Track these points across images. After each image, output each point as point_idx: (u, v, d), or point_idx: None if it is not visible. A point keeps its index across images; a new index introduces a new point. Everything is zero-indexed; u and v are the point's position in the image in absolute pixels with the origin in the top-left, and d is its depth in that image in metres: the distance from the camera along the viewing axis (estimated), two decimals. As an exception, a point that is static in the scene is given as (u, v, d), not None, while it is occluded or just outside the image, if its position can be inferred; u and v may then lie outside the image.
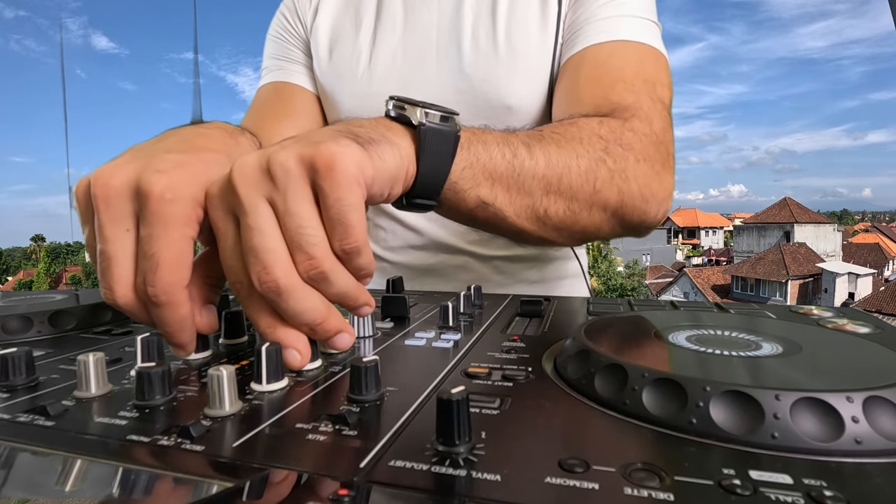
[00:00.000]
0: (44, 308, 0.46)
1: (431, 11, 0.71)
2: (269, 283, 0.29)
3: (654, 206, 0.54)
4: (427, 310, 0.52)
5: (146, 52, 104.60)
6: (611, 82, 0.58)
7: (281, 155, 0.30)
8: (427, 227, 0.76)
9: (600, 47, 0.62)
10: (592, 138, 0.50)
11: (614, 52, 0.61)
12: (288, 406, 0.27)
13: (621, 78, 0.59)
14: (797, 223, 24.90)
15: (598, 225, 0.52)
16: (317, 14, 0.79)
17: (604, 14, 0.64)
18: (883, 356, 0.29)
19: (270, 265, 0.29)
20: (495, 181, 0.44)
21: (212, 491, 0.20)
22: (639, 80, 0.59)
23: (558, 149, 0.47)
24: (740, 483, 0.19)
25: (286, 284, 0.29)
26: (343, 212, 0.30)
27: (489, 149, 0.43)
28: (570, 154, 0.48)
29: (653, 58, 0.62)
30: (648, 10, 0.65)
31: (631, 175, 0.51)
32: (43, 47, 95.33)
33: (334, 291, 0.31)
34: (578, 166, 0.48)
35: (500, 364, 0.33)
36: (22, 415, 0.26)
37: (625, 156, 0.51)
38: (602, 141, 0.50)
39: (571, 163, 0.47)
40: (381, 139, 0.34)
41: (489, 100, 0.67)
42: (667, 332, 0.34)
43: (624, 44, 0.62)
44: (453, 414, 0.21)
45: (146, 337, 0.32)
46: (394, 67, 0.72)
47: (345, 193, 0.30)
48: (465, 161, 0.41)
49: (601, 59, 0.61)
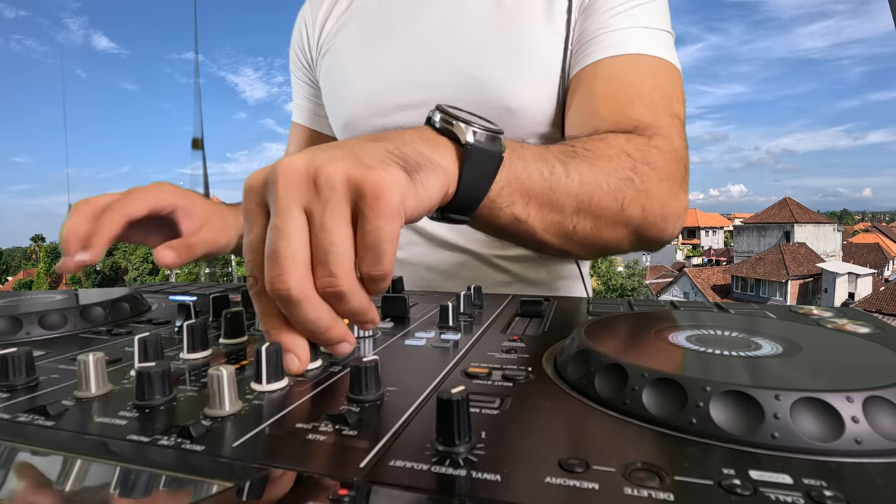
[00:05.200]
0: (42, 308, 0.46)
1: (433, 11, 0.71)
2: (282, 289, 0.29)
3: (672, 224, 0.56)
4: (427, 310, 0.52)
5: (146, 52, 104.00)
6: (628, 99, 0.59)
7: (329, 169, 0.30)
8: (428, 225, 0.76)
9: (614, 61, 0.62)
10: (621, 156, 0.51)
11: (628, 66, 0.61)
12: (288, 406, 0.27)
13: (638, 95, 0.59)
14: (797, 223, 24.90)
15: (620, 241, 0.53)
16: (326, 21, 0.80)
17: (616, 25, 0.63)
18: (883, 356, 0.29)
19: (287, 271, 0.29)
20: (531, 199, 0.45)
21: (212, 491, 0.20)
22: (656, 96, 0.59)
23: (590, 167, 0.48)
24: (740, 483, 0.19)
25: (298, 294, 0.29)
26: (380, 240, 0.30)
27: (527, 166, 0.44)
28: (601, 173, 0.49)
29: (667, 72, 0.62)
30: (661, 19, 0.64)
31: (654, 194, 0.53)
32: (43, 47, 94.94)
33: (346, 308, 0.31)
34: (608, 185, 0.49)
35: (500, 364, 0.33)
36: (22, 415, 0.26)
37: (650, 175, 0.52)
38: (630, 159, 0.52)
39: (602, 182, 0.49)
40: (428, 165, 0.34)
41: (490, 100, 0.67)
42: (667, 332, 0.34)
43: (637, 58, 0.61)
44: (453, 414, 0.21)
45: (146, 337, 0.32)
46: (396, 67, 0.72)
47: (385, 223, 0.30)
48: (505, 179, 0.41)
49: (615, 74, 0.61)
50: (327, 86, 0.81)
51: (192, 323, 0.36)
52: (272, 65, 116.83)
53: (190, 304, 0.44)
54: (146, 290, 0.69)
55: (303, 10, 0.86)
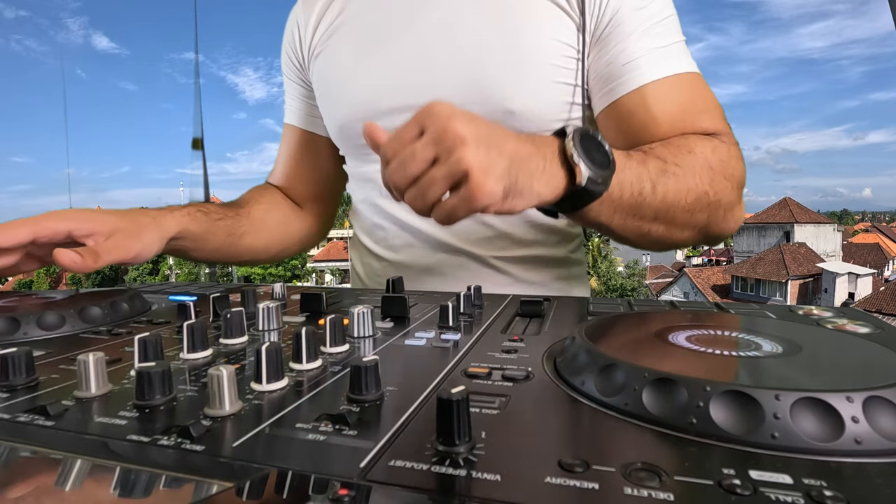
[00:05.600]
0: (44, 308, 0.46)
1: (433, 12, 0.71)
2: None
3: (733, 223, 0.63)
4: (427, 310, 0.52)
5: (147, 52, 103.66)
6: (693, 115, 0.63)
7: (467, 153, 0.39)
8: (426, 227, 0.76)
9: (660, 84, 0.64)
10: (704, 170, 0.57)
11: (675, 87, 0.64)
12: (288, 406, 0.27)
13: (698, 109, 0.64)
14: (797, 223, 24.89)
15: (685, 239, 0.61)
16: (321, 20, 0.79)
17: (648, 46, 0.64)
18: (883, 356, 0.29)
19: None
20: (617, 211, 0.52)
21: (212, 491, 0.20)
22: (711, 106, 0.64)
23: (676, 184, 0.55)
24: (740, 483, 0.19)
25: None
26: (453, 216, 0.41)
27: (623, 188, 0.51)
28: (683, 189, 0.56)
29: (702, 83, 0.66)
30: (679, 30, 0.67)
31: (724, 202, 0.59)
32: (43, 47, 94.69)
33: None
34: (686, 199, 0.56)
35: (500, 364, 0.33)
36: (22, 415, 0.26)
37: (725, 186, 0.59)
38: (711, 172, 0.58)
39: (682, 197, 0.56)
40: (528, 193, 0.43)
41: (491, 103, 0.67)
42: (667, 333, 0.34)
43: (679, 78, 0.65)
44: (453, 414, 0.21)
45: (146, 337, 0.32)
46: (393, 69, 0.72)
47: (462, 213, 0.41)
48: (599, 201, 0.48)
49: (665, 96, 0.64)
50: (321, 88, 0.81)
51: (192, 323, 0.36)
52: (272, 65, 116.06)
53: (190, 304, 0.44)
54: (146, 290, 0.69)
55: (294, 10, 0.85)
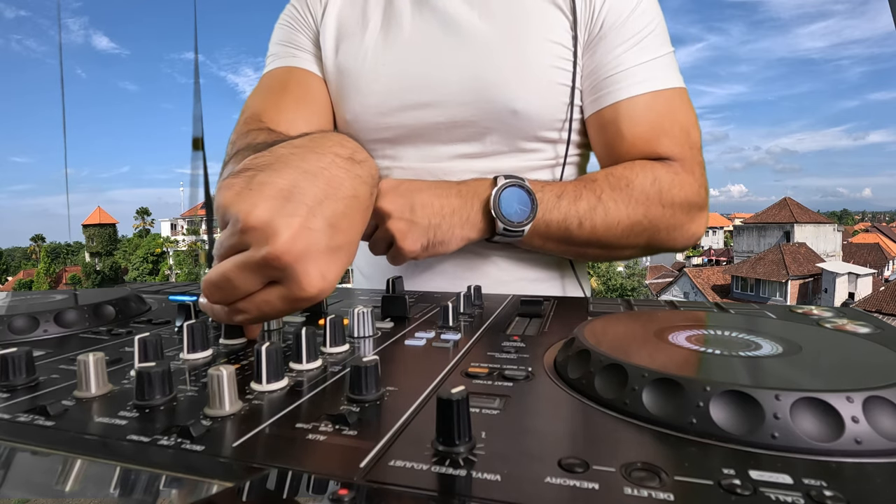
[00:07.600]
0: (49, 308, 0.46)
1: (439, 11, 0.71)
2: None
3: (682, 241, 0.67)
4: (427, 310, 0.52)
5: (147, 52, 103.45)
6: (655, 138, 0.66)
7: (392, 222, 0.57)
8: None
9: (636, 101, 0.66)
10: (639, 201, 0.62)
11: (649, 105, 0.66)
12: (288, 406, 0.27)
13: (663, 132, 0.66)
14: (797, 223, 24.89)
15: (629, 256, 0.68)
16: (326, 10, 0.78)
17: (630, 61, 0.66)
18: (883, 356, 0.29)
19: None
20: (548, 240, 0.61)
21: (212, 491, 0.20)
22: (676, 129, 0.66)
23: (605, 218, 0.61)
24: (740, 483, 0.19)
25: None
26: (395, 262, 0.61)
27: (549, 225, 0.60)
28: (613, 221, 0.62)
29: (680, 99, 0.68)
30: (665, 41, 0.68)
31: (663, 227, 0.64)
32: (43, 47, 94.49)
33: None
34: (617, 229, 0.62)
35: (500, 364, 0.33)
36: (22, 415, 0.26)
37: (663, 213, 0.63)
38: (647, 202, 0.62)
39: (611, 228, 0.62)
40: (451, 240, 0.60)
41: (496, 102, 0.67)
42: (667, 333, 0.34)
43: (655, 95, 0.66)
44: (453, 414, 0.21)
45: (146, 337, 0.32)
46: (400, 67, 0.72)
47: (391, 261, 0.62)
48: (526, 234, 0.59)
49: (638, 115, 0.66)
50: (328, 83, 0.80)
51: (192, 323, 0.36)
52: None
53: (190, 304, 0.44)
54: (146, 290, 0.69)
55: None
